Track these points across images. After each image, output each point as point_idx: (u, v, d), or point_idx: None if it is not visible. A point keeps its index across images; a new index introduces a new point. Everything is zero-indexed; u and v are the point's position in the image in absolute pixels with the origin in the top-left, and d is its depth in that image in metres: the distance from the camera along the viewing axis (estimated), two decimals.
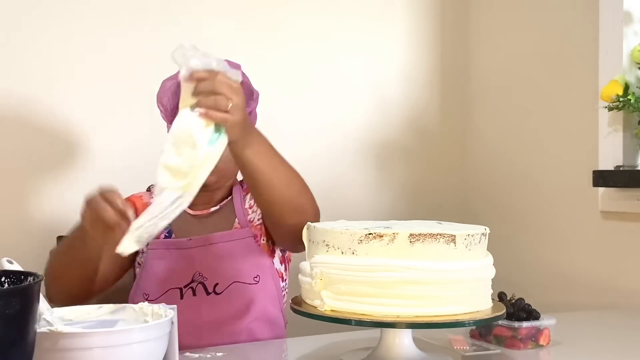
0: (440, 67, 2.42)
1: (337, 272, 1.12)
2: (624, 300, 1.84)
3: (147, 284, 1.53)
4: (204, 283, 1.51)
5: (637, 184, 1.77)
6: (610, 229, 1.90)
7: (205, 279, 1.51)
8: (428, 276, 1.09)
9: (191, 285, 1.52)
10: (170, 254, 1.54)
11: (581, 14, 1.98)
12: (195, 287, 1.52)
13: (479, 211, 2.37)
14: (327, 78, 2.25)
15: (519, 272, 2.08)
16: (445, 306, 1.10)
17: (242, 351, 1.39)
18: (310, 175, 1.89)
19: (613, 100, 1.78)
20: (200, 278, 1.52)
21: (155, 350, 1.02)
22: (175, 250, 1.54)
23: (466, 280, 1.12)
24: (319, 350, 1.39)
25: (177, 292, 1.51)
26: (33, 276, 0.99)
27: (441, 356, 1.24)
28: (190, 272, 1.52)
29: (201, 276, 1.52)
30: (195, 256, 1.53)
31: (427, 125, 2.40)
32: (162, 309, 1.09)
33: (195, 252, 1.53)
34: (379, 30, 2.33)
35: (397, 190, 2.35)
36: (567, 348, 1.35)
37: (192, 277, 1.52)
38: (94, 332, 0.99)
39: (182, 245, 1.53)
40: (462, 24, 2.44)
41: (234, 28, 2.11)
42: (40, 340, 0.96)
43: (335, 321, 1.13)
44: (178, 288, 1.51)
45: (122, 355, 0.98)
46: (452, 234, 1.11)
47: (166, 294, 1.51)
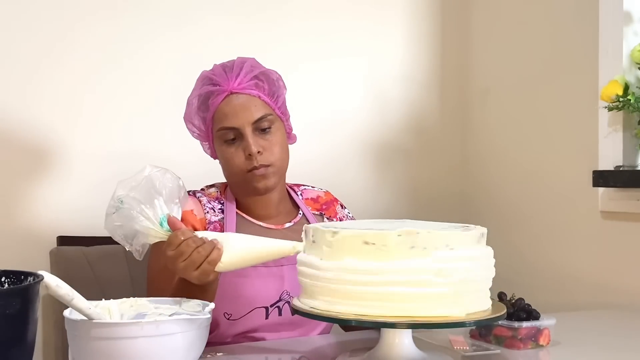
0: (440, 67, 2.42)
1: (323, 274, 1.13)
2: (624, 300, 1.84)
3: (229, 304, 1.44)
4: (290, 302, 1.46)
5: (637, 184, 1.77)
6: (610, 229, 1.90)
7: (292, 298, 1.45)
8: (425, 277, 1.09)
9: (278, 305, 1.47)
10: (255, 272, 1.45)
11: (581, 14, 1.98)
12: (282, 306, 1.47)
13: (478, 211, 2.37)
14: (327, 78, 2.25)
15: (519, 272, 2.08)
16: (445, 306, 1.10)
17: (242, 351, 1.39)
18: (311, 175, 1.90)
19: (613, 100, 1.78)
20: (287, 297, 1.47)
21: (195, 341, 1.07)
22: (263, 268, 1.45)
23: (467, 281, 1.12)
24: (319, 350, 1.39)
25: (262, 311, 1.46)
26: (33, 276, 1.00)
27: (441, 356, 1.24)
28: (279, 291, 1.46)
29: (288, 295, 1.47)
30: (285, 274, 1.47)
31: (427, 125, 2.40)
32: (200, 304, 1.16)
33: (286, 271, 1.47)
34: (379, 30, 2.33)
35: (397, 190, 2.35)
36: (567, 348, 1.34)
37: (280, 295, 1.47)
38: (141, 322, 1.03)
39: (274, 263, 1.45)
40: (462, 24, 2.44)
41: (233, 28, 2.11)
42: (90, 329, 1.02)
43: (335, 321, 1.13)
44: (264, 307, 1.46)
45: (167, 344, 1.03)
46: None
47: (251, 313, 1.45)
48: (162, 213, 1.27)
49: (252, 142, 1.45)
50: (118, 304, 1.17)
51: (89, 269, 1.76)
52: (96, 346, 1.02)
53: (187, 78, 1.59)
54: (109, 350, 1.01)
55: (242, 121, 1.46)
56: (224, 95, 1.47)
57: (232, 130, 1.47)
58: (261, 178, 1.47)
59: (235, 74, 1.48)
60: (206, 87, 1.50)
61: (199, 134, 1.56)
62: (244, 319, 1.44)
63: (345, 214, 1.68)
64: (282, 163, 1.52)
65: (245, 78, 1.48)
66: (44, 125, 1.89)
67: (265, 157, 1.47)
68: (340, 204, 1.69)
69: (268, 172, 1.48)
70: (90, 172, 1.93)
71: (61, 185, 1.91)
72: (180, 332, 1.04)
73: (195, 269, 1.23)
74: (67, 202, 1.89)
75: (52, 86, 1.90)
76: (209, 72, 1.53)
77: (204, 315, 1.09)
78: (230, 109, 1.47)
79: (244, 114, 1.46)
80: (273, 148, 1.49)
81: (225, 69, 1.50)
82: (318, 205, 1.64)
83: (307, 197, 1.65)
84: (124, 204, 1.25)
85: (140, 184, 1.26)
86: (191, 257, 1.22)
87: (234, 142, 1.48)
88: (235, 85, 1.47)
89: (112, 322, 1.08)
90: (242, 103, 1.47)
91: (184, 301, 1.20)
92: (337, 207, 1.66)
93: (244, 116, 1.46)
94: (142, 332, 1.01)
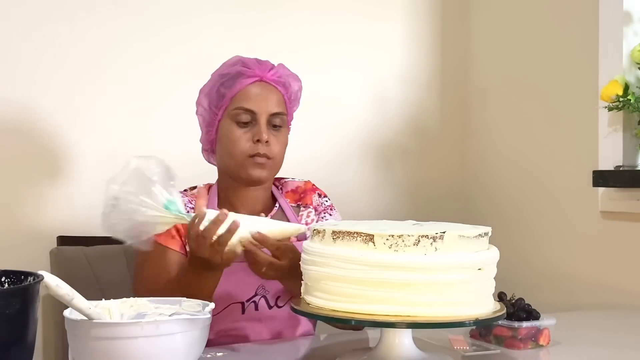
0: (440, 67, 2.42)
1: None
2: (624, 300, 1.84)
3: None
4: (266, 296, 1.49)
5: (637, 184, 1.77)
6: (610, 229, 1.90)
7: (267, 292, 1.49)
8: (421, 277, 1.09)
9: (254, 299, 1.48)
10: (229, 269, 1.42)
11: (581, 14, 1.98)
12: (258, 300, 1.49)
13: (478, 211, 2.37)
14: (327, 78, 2.25)
15: (518, 272, 2.08)
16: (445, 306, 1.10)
17: (242, 351, 1.39)
18: (311, 175, 1.89)
19: (613, 100, 1.78)
20: (262, 291, 1.49)
21: (195, 341, 1.07)
22: (235, 264, 1.41)
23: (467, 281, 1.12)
24: (319, 350, 1.39)
25: (239, 306, 1.48)
26: (33, 276, 1.00)
27: (441, 356, 1.23)
28: (254, 286, 1.48)
29: (264, 289, 1.49)
30: None
31: (427, 125, 2.40)
32: (201, 304, 1.16)
33: None
34: (379, 30, 2.33)
35: (397, 190, 2.35)
36: (567, 348, 1.34)
37: (256, 290, 1.49)
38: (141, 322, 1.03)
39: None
40: (462, 24, 2.44)
41: (233, 28, 2.11)
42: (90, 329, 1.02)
43: (335, 321, 1.13)
44: (240, 302, 1.48)
45: (167, 344, 1.03)
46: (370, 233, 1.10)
47: (227, 308, 1.46)
48: (165, 198, 1.27)
49: (264, 130, 1.50)
50: (118, 304, 1.17)
51: (89, 269, 1.76)
52: (96, 346, 1.02)
53: (188, 78, 1.59)
54: (109, 350, 1.01)
55: (263, 108, 1.51)
56: (255, 79, 1.52)
57: (250, 113, 1.50)
58: (259, 167, 1.50)
59: (269, 67, 1.55)
60: (238, 67, 1.54)
61: (205, 109, 1.56)
62: (220, 315, 1.43)
63: (321, 202, 1.65)
64: (279, 162, 1.55)
65: (278, 73, 1.55)
66: (45, 125, 1.89)
67: (270, 149, 1.51)
68: (319, 193, 1.66)
69: (267, 164, 1.51)
70: (91, 172, 1.93)
71: (61, 185, 1.91)
72: (180, 332, 1.04)
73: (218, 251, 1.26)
74: (67, 202, 1.89)
75: (52, 86, 1.90)
76: (241, 57, 1.57)
77: (204, 315, 1.09)
78: (256, 93, 1.51)
79: (266, 102, 1.51)
80: (278, 145, 1.53)
81: (258, 60, 1.56)
82: (297, 196, 1.64)
83: (288, 189, 1.65)
84: (120, 200, 1.25)
85: (131, 177, 1.27)
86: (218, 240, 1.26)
87: (246, 126, 1.51)
88: (268, 74, 1.53)
89: (112, 322, 1.08)
90: (268, 92, 1.52)
91: (184, 301, 1.20)
92: (313, 196, 1.64)
93: (265, 105, 1.51)
94: (142, 332, 1.01)
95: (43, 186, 1.89)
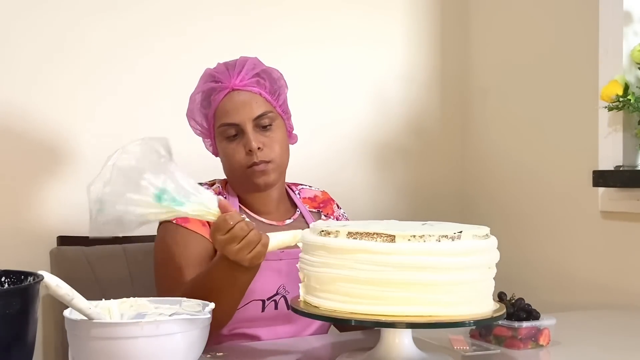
0: (440, 67, 2.42)
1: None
2: (624, 300, 1.84)
3: None
4: (286, 297, 1.48)
5: (637, 184, 1.77)
6: (610, 229, 1.90)
7: (288, 293, 1.47)
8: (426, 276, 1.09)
9: (274, 298, 1.47)
10: None
11: (581, 14, 1.98)
12: (279, 300, 1.48)
13: (478, 211, 2.37)
14: (327, 78, 2.25)
15: (518, 272, 2.08)
16: (445, 306, 1.10)
17: (242, 351, 1.39)
18: (310, 176, 1.90)
19: (613, 100, 1.78)
20: (284, 291, 1.48)
21: (195, 341, 1.07)
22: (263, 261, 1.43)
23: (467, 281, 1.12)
24: (319, 350, 1.39)
25: (259, 304, 1.46)
26: (33, 276, 1.00)
27: (441, 356, 1.24)
28: (276, 285, 1.47)
29: (285, 289, 1.48)
30: (283, 269, 1.48)
31: (427, 125, 2.40)
32: (201, 304, 1.16)
33: (284, 265, 1.48)
34: (379, 30, 2.33)
35: (397, 190, 2.35)
36: (567, 348, 1.35)
37: (277, 289, 1.48)
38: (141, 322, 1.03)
39: (274, 257, 1.45)
40: (462, 24, 2.44)
41: (232, 27, 2.11)
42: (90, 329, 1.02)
43: (335, 321, 1.13)
44: (261, 300, 1.46)
45: (167, 344, 1.03)
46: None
47: (247, 305, 1.45)
48: (156, 188, 1.21)
49: (252, 138, 1.48)
50: (118, 304, 1.17)
51: (89, 269, 1.76)
52: (96, 346, 1.02)
53: (189, 77, 1.59)
54: (109, 350, 1.01)
55: (243, 117, 1.49)
56: (225, 92, 1.50)
57: (233, 126, 1.49)
58: (261, 174, 1.49)
59: (237, 72, 1.51)
60: (208, 84, 1.52)
61: (201, 131, 1.58)
62: (240, 310, 1.42)
63: (341, 213, 1.71)
64: (282, 160, 1.54)
65: (247, 75, 1.51)
66: (45, 125, 1.89)
67: (266, 154, 1.49)
68: (337, 204, 1.71)
69: (268, 168, 1.50)
70: (91, 171, 1.92)
71: (62, 185, 1.91)
72: (180, 332, 1.04)
73: (249, 252, 1.25)
74: (67, 202, 1.89)
75: (53, 87, 1.90)
76: (211, 69, 1.55)
77: (204, 315, 1.09)
78: (231, 106, 1.49)
79: (244, 110, 1.49)
80: (273, 145, 1.51)
81: (227, 67, 1.53)
82: (315, 204, 1.67)
83: (305, 196, 1.67)
84: (104, 203, 1.21)
85: (112, 176, 1.22)
86: (246, 239, 1.24)
87: (235, 138, 1.50)
88: (237, 82, 1.50)
89: (112, 322, 1.08)
90: (243, 100, 1.49)
91: (184, 301, 1.20)
92: (334, 206, 1.69)
93: (244, 112, 1.49)
94: (142, 332, 1.01)
95: (43, 186, 1.89)
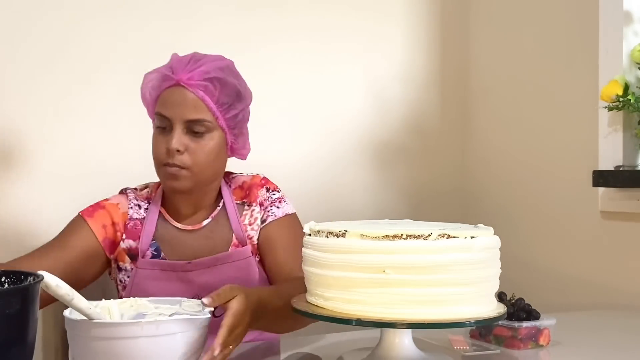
0: (440, 67, 2.42)
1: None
2: (624, 300, 1.84)
3: None
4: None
5: (637, 184, 1.77)
6: (610, 229, 1.90)
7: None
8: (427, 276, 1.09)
9: None
10: (166, 276, 1.46)
11: (581, 14, 1.98)
12: None
13: (478, 211, 2.37)
14: (327, 78, 2.25)
15: (518, 272, 2.08)
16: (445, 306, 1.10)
17: (242, 351, 1.39)
18: (311, 176, 1.90)
19: (613, 100, 1.78)
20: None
21: (195, 341, 1.07)
22: (171, 272, 1.46)
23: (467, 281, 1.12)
24: (319, 350, 1.39)
25: None
26: (33, 276, 1.00)
27: (441, 356, 1.23)
28: (189, 294, 1.42)
29: (199, 298, 1.44)
30: (194, 279, 1.46)
31: (427, 125, 2.40)
32: (199, 304, 1.16)
33: (195, 275, 1.46)
34: (379, 30, 2.33)
35: (397, 190, 2.35)
36: (567, 348, 1.35)
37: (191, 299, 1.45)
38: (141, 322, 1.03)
39: (181, 268, 1.46)
40: (462, 24, 2.44)
41: (232, 27, 2.11)
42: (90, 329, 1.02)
43: (335, 321, 1.13)
44: None
45: (166, 344, 1.03)
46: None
47: None
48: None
49: (176, 139, 1.41)
50: (118, 304, 1.17)
51: None
52: (96, 346, 1.02)
53: None
54: (109, 350, 1.01)
55: (176, 115, 1.41)
56: (171, 83, 1.43)
57: (165, 119, 1.43)
58: (171, 177, 1.43)
59: (189, 69, 1.43)
60: (163, 70, 1.46)
61: (147, 108, 1.51)
62: None
63: (268, 196, 1.57)
64: (202, 170, 1.44)
65: (197, 76, 1.42)
66: (45, 124, 1.89)
67: (184, 159, 1.42)
68: (267, 187, 1.58)
69: (180, 174, 1.42)
70: (92, 171, 1.93)
71: (62, 184, 1.90)
72: (180, 332, 1.04)
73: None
74: (67, 201, 1.89)
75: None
76: (179, 56, 1.48)
77: (204, 315, 1.09)
78: (170, 99, 1.43)
79: (180, 108, 1.41)
80: (198, 153, 1.43)
81: (187, 59, 1.45)
82: (243, 193, 1.57)
83: (236, 186, 1.58)
84: None
85: None
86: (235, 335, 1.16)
87: (164, 131, 1.44)
88: (184, 78, 1.42)
89: (112, 322, 1.08)
90: (184, 98, 1.42)
91: (183, 301, 1.20)
92: (259, 191, 1.57)
93: (179, 111, 1.41)
94: (142, 332, 1.01)
95: (43, 185, 1.89)
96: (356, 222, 1.30)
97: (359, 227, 1.14)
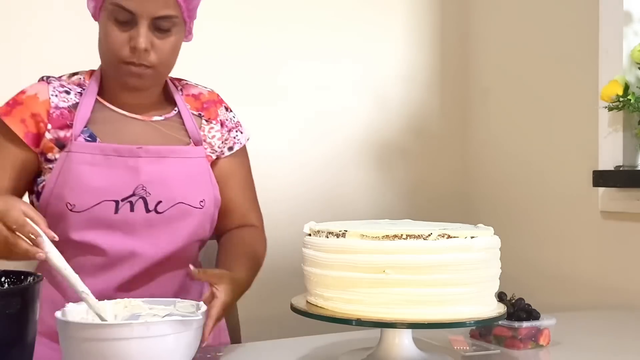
0: (440, 67, 2.42)
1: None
2: (624, 300, 1.84)
3: (72, 193, 1.30)
4: (146, 199, 1.33)
5: (637, 184, 1.77)
6: (610, 229, 1.90)
7: (149, 195, 1.33)
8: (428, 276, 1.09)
9: (130, 199, 1.32)
10: (107, 161, 1.32)
11: (581, 14, 1.98)
12: (135, 201, 1.32)
13: (478, 211, 2.37)
14: (327, 78, 2.25)
15: (518, 272, 2.08)
16: (445, 306, 1.10)
17: (242, 351, 1.39)
18: (311, 176, 1.90)
19: (613, 100, 1.78)
20: (142, 192, 1.33)
21: (188, 343, 1.06)
22: (116, 157, 1.32)
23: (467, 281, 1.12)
24: (319, 350, 1.39)
25: (112, 205, 1.31)
26: (33, 276, 1.00)
27: (441, 356, 1.23)
28: (133, 185, 1.32)
29: (144, 190, 1.33)
30: (142, 167, 1.33)
31: (427, 125, 2.40)
32: (194, 305, 1.16)
33: (143, 163, 1.34)
34: (379, 30, 2.34)
35: (397, 190, 2.35)
36: (567, 348, 1.35)
37: (134, 190, 1.33)
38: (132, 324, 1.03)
39: (129, 153, 1.33)
40: (462, 24, 2.44)
41: (232, 27, 2.11)
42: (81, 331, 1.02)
43: (335, 321, 1.13)
44: (114, 200, 1.31)
45: (158, 346, 1.02)
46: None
47: (98, 205, 1.30)
48: None
49: (143, 37, 1.29)
50: (112, 305, 1.17)
51: None
52: (87, 348, 1.01)
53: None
54: (101, 351, 1.00)
55: (144, 10, 1.29)
56: None
57: (128, 12, 1.29)
58: (135, 76, 1.33)
59: None
60: None
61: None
62: (89, 211, 1.30)
63: (228, 117, 1.50)
64: (166, 67, 1.37)
65: None
66: None
67: (151, 58, 1.32)
68: (225, 106, 1.51)
69: (146, 73, 1.33)
70: None
71: None
72: (172, 334, 1.03)
73: None
74: None
75: None
76: None
77: (197, 316, 1.08)
78: None
79: (149, 3, 1.29)
80: (164, 50, 1.33)
81: None
82: (199, 104, 1.47)
83: (189, 93, 1.48)
84: None
85: None
86: None
87: (124, 26, 1.30)
88: None
89: (103, 324, 1.07)
90: None
91: (178, 302, 1.19)
92: (219, 109, 1.49)
93: (149, 6, 1.29)
94: (133, 333, 1.00)
95: None
96: (356, 222, 1.30)
97: (359, 227, 1.14)
